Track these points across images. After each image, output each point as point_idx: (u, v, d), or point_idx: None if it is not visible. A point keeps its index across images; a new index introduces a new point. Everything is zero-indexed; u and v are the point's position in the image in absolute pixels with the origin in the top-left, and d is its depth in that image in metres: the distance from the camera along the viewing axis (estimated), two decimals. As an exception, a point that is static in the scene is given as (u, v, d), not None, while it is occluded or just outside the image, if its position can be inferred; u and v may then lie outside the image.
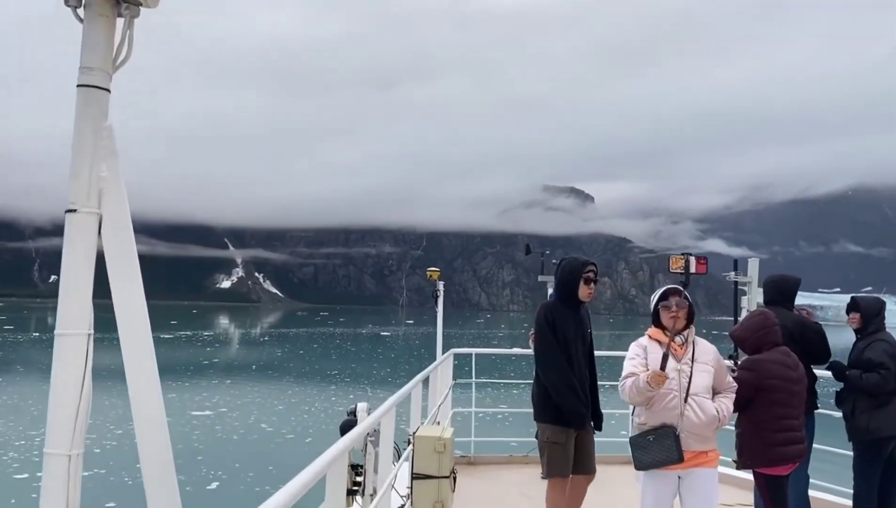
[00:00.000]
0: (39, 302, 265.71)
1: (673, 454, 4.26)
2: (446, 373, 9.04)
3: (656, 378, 4.19)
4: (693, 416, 4.32)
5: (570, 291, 5.21)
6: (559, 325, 5.13)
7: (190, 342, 72.80)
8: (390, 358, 58.94)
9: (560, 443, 5.11)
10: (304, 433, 24.90)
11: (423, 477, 6.31)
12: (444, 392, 8.60)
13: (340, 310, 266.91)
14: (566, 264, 5.30)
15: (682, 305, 4.49)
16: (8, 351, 55.16)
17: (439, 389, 8.45)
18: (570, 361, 5.12)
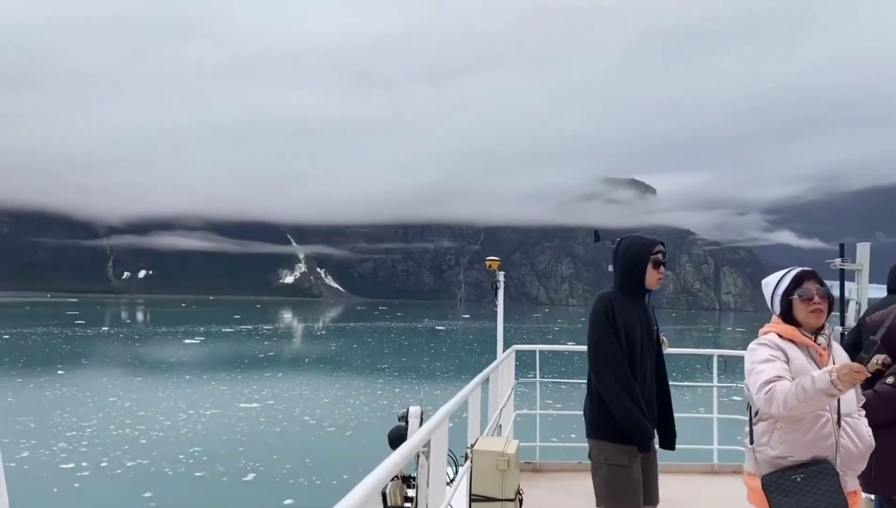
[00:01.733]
0: (113, 297, 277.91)
1: (837, 499, 3.06)
2: (508, 372, 8.28)
3: (852, 374, 2.87)
4: (850, 444, 3.19)
5: (634, 277, 4.14)
6: (621, 320, 4.08)
7: (249, 336, 74.55)
8: (442, 352, 58.92)
9: (622, 465, 4.03)
10: (345, 426, 24.98)
11: (482, 500, 5.29)
12: (507, 393, 7.88)
13: (399, 304, 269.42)
14: (629, 245, 4.18)
15: (825, 294, 3.35)
16: (75, 345, 57.61)
17: (501, 389, 7.70)
18: (633, 364, 4.08)
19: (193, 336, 68.62)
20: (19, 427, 23.08)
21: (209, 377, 38.09)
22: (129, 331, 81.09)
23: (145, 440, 22.08)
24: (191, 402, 29.43)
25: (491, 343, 10.45)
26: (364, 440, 23.00)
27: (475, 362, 50.99)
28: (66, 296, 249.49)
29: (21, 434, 22.02)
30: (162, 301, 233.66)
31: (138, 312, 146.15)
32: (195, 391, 33.15)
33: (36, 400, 29.20)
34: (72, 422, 24.38)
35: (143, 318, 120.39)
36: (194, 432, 23.62)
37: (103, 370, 41.04)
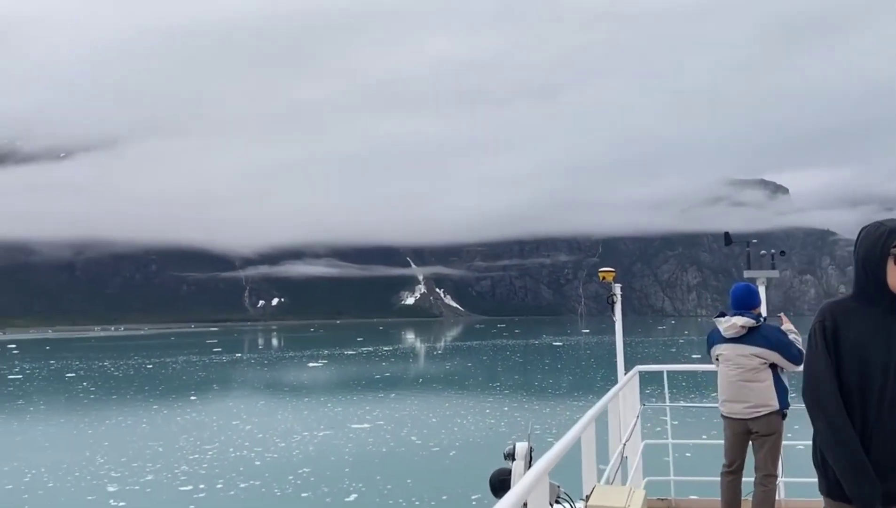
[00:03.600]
0: (249, 325, 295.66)
1: None
2: (632, 396, 7.41)
3: None
4: None
5: (872, 277, 3.01)
6: (849, 338, 3.00)
7: (369, 357, 76.63)
8: (557, 369, 57.75)
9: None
10: (450, 447, 24.91)
11: None
12: (631, 422, 7.07)
13: (518, 321, 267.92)
14: (864, 236, 3.10)
15: None
16: (210, 372, 61.51)
17: (623, 416, 6.83)
18: (867, 397, 2.96)
19: (317, 360, 71.43)
20: (149, 452, 24.80)
21: (326, 398, 39.37)
22: (260, 357, 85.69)
23: (259, 462, 23.02)
24: (306, 424, 30.48)
25: (610, 358, 9.59)
26: (466, 459, 22.82)
27: (590, 378, 49.59)
28: (208, 325, 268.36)
29: (149, 458, 23.63)
30: (293, 327, 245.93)
31: (271, 338, 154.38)
32: (311, 413, 34.34)
33: (167, 425, 31.33)
34: (196, 446, 25.88)
35: (274, 343, 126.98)
36: (305, 453, 24.38)
37: (231, 395, 43.51)
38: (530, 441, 5.50)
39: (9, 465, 22.82)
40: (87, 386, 49.96)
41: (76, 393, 45.91)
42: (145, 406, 38.07)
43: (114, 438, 28.27)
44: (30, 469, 22.28)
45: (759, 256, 7.16)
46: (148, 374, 60.24)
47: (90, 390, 47.82)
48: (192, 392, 43.83)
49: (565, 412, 31.27)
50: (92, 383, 52.60)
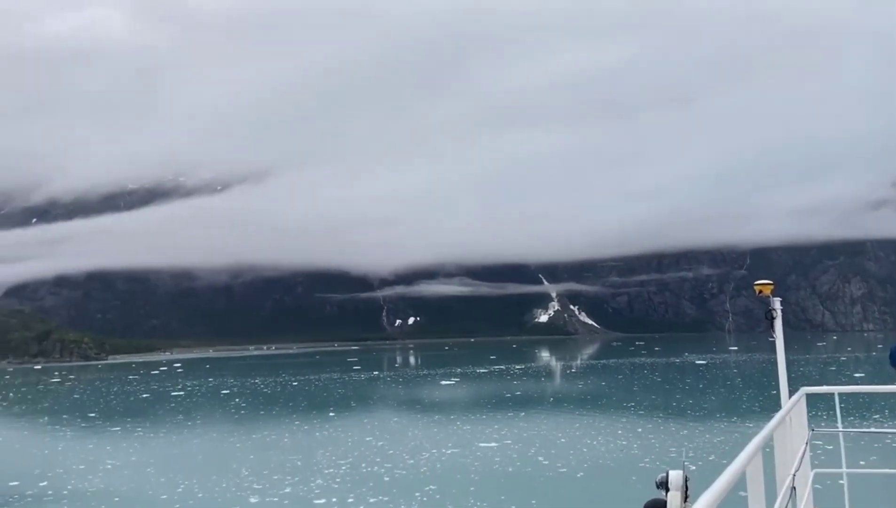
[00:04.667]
0: (388, 344, 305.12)
1: None
2: (799, 422, 6.93)
3: None
4: None
5: None
6: None
7: (500, 376, 76.53)
8: (698, 389, 54.68)
9: None
10: (578, 468, 24.27)
11: None
12: (800, 449, 6.55)
13: (659, 338, 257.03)
14: None
15: None
16: (349, 389, 64.05)
17: (791, 444, 6.39)
18: None
19: (450, 378, 72.34)
20: (288, 465, 26.18)
21: (456, 416, 39.75)
22: (395, 375, 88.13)
23: (388, 478, 23.62)
24: (435, 441, 30.91)
25: (762, 378, 8.68)
26: (595, 483, 22.15)
27: (741, 400, 46.41)
28: (349, 344, 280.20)
29: (288, 472, 24.95)
30: (429, 345, 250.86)
31: (407, 356, 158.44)
32: (441, 430, 34.79)
33: (306, 440, 32.95)
34: (331, 460, 27.01)
35: (410, 362, 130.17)
36: (433, 470, 24.71)
37: (366, 412, 45.04)
38: (685, 470, 5.12)
39: (165, 476, 24.95)
40: (238, 402, 53.68)
41: (229, 409, 49.46)
42: (288, 422, 40.28)
43: (259, 451, 30.12)
44: (183, 479, 24.23)
45: None
46: (293, 391, 63.74)
47: (241, 405, 51.34)
48: (331, 409, 45.84)
49: (715, 438, 29.52)
50: (243, 399, 56.44)
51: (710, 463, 22.96)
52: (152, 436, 36.60)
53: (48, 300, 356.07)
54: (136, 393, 67.44)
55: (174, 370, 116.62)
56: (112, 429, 39.69)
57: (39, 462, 29.13)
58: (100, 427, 41.18)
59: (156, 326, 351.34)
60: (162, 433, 37.51)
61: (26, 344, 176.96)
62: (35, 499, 21.99)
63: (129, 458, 29.34)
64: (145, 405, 54.69)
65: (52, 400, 65.27)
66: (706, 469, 4.09)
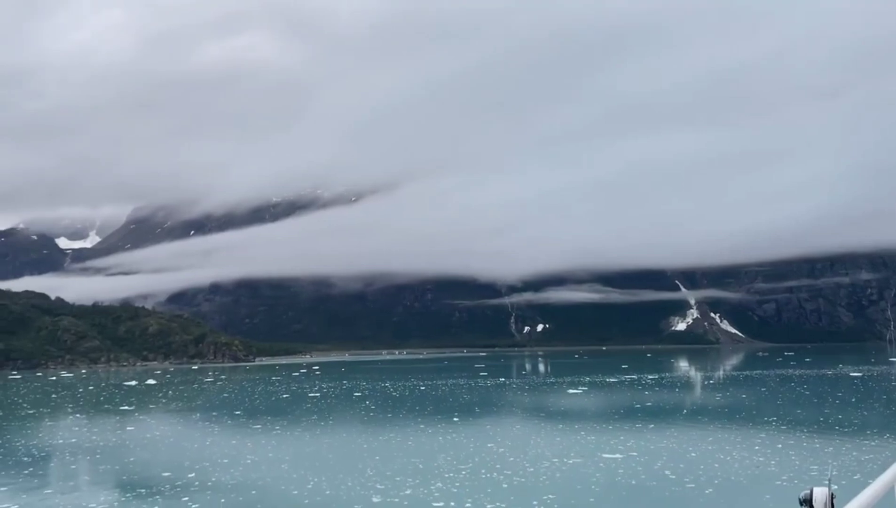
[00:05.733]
0: (516, 350, 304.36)
1: None
2: None
3: None
4: None
5: None
6: None
7: (631, 385, 74.08)
8: (851, 404, 50.08)
9: None
10: (707, 484, 22.98)
11: None
12: None
13: (811, 348, 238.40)
14: None
15: None
16: (474, 394, 64.48)
17: None
18: None
19: (577, 387, 70.97)
20: (410, 468, 26.79)
21: (580, 426, 38.95)
22: (521, 382, 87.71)
23: (507, 486, 23.54)
24: (557, 450, 30.43)
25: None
26: (722, 500, 20.88)
27: (892, 414, 42.19)
28: (477, 350, 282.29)
29: (410, 473, 25.53)
30: (558, 353, 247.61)
31: (535, 363, 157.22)
32: (564, 439, 34.20)
33: (429, 443, 33.55)
34: (452, 465, 27.32)
35: (537, 369, 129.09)
36: (552, 479, 24.35)
37: (490, 418, 45.17)
38: (830, 487, 4.83)
39: (297, 472, 26.34)
40: (368, 405, 55.66)
41: (359, 411, 51.41)
42: (414, 425, 41.22)
43: (384, 452, 31.07)
44: (313, 476, 25.47)
45: None
46: (420, 395, 65.15)
47: (371, 408, 53.19)
48: (456, 414, 46.37)
49: (864, 456, 27.05)
50: (373, 401, 58.45)
51: (856, 483, 20.96)
52: (289, 434, 38.74)
53: (204, 306, 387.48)
54: (277, 393, 71.71)
55: (312, 372, 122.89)
56: (254, 426, 42.43)
57: (189, 454, 31.71)
58: (243, 424, 44.18)
59: (297, 330, 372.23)
60: (297, 432, 39.61)
61: (185, 346, 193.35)
62: (183, 489, 23.95)
63: (266, 454, 31.24)
64: (284, 405, 58.00)
65: (205, 398, 70.82)
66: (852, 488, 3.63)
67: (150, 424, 45.83)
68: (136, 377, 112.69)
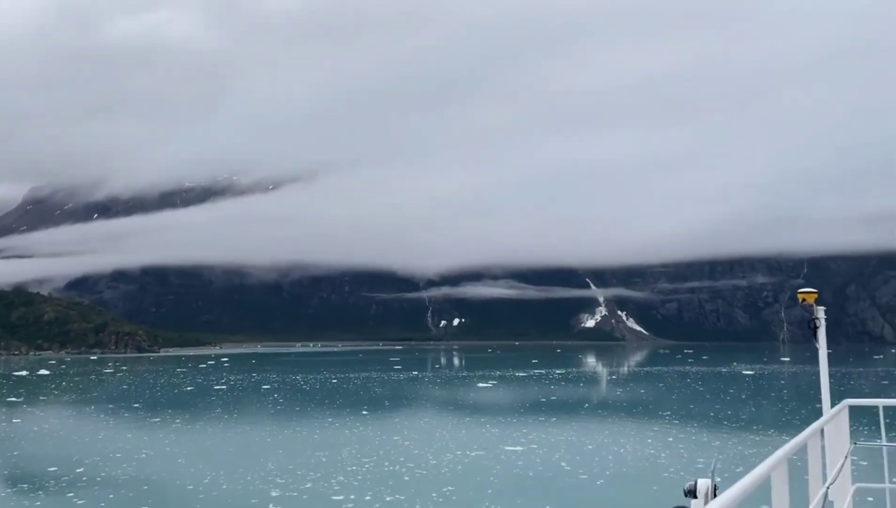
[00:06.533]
0: (432, 345, 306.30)
1: None
2: (840, 434, 6.78)
3: None
4: None
5: None
6: None
7: (539, 380, 76.04)
8: (741, 400, 53.27)
9: None
10: (599, 475, 23.98)
11: None
12: (839, 462, 6.41)
13: (709, 347, 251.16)
14: None
15: None
16: (386, 388, 64.57)
17: (830, 456, 6.27)
18: None
19: (488, 381, 72.22)
20: (313, 461, 26.61)
21: (486, 419, 39.69)
22: (434, 376, 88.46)
23: (409, 478, 23.78)
24: (461, 443, 30.95)
25: (815, 391, 8.53)
26: (612, 490, 21.86)
27: (790, 412, 44.88)
28: (393, 344, 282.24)
29: (312, 467, 25.36)
30: (473, 347, 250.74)
31: (449, 358, 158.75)
32: (469, 432, 34.81)
33: (335, 437, 33.41)
34: (356, 458, 27.33)
35: (451, 363, 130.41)
36: (454, 472, 24.76)
37: (399, 412, 45.36)
38: (714, 478, 5.03)
39: (194, 467, 25.68)
40: (277, 398, 54.74)
41: (266, 404, 50.51)
42: (321, 419, 40.90)
43: (288, 446, 30.70)
44: (211, 471, 24.88)
45: None
46: (331, 388, 64.62)
47: (279, 401, 52.35)
48: (365, 407, 46.33)
49: (748, 450, 28.80)
50: (282, 395, 57.53)
51: (738, 475, 22.42)
52: (189, 428, 37.65)
53: (106, 293, 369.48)
54: (181, 386, 69.42)
55: (221, 364, 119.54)
56: (152, 420, 40.98)
57: (80, 448, 30.31)
58: (141, 418, 42.56)
59: (207, 321, 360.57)
60: (199, 426, 38.55)
61: (84, 335, 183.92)
62: (69, 484, 22.90)
63: (163, 448, 30.27)
64: (188, 398, 56.25)
65: (102, 390, 67.73)
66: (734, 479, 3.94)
67: (39, 416, 43.48)
68: (27, 367, 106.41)
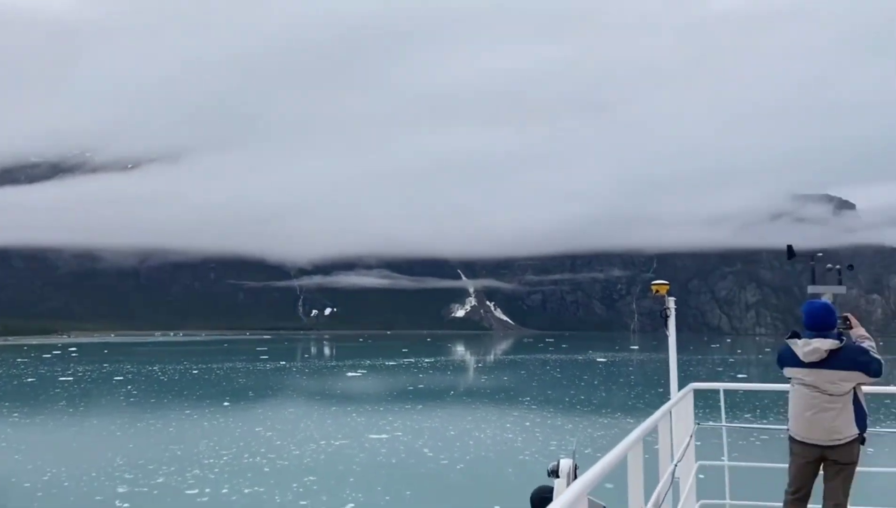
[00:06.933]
0: (302, 334, 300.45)
1: None
2: (686, 416, 7.15)
3: None
4: None
5: None
6: None
7: (408, 369, 76.89)
8: (596, 386, 56.71)
9: None
10: (460, 460, 24.77)
11: None
12: (685, 441, 6.80)
13: (568, 336, 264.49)
14: None
15: None
16: (251, 379, 62.80)
17: (677, 436, 6.66)
18: None
19: (357, 370, 72.09)
20: (167, 455, 25.49)
21: (353, 408, 39.70)
22: (302, 366, 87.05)
23: (269, 469, 23.39)
24: (325, 433, 30.80)
25: (660, 376, 9.08)
26: (470, 474, 22.68)
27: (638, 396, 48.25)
28: (261, 333, 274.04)
29: (165, 461, 24.29)
30: (344, 337, 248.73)
31: (319, 347, 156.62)
32: (334, 422, 34.68)
33: (192, 430, 32.15)
34: (213, 450, 26.47)
35: (321, 353, 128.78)
36: (316, 461, 24.64)
37: (263, 402, 44.30)
38: (575, 458, 5.27)
39: (33, 464, 23.82)
40: (130, 390, 51.70)
41: (118, 396, 47.58)
42: (179, 411, 39.16)
43: (140, 440, 29.17)
44: (52, 467, 23.20)
45: (824, 271, 6.70)
46: (192, 379, 61.91)
47: (132, 393, 49.48)
48: (227, 399, 44.83)
49: (597, 432, 30.72)
50: (136, 386, 54.38)
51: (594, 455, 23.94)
52: (28, 422, 34.82)
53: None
54: (21, 377, 63.90)
55: (68, 354, 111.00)
56: (-15, 415, 37.44)
57: None
58: (-29, 413, 38.76)
59: (55, 307, 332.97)
60: (39, 420, 35.75)
61: None
62: None
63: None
64: (28, 390, 51.90)
65: (-76, 383, 60.89)
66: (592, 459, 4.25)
67: None
68: None
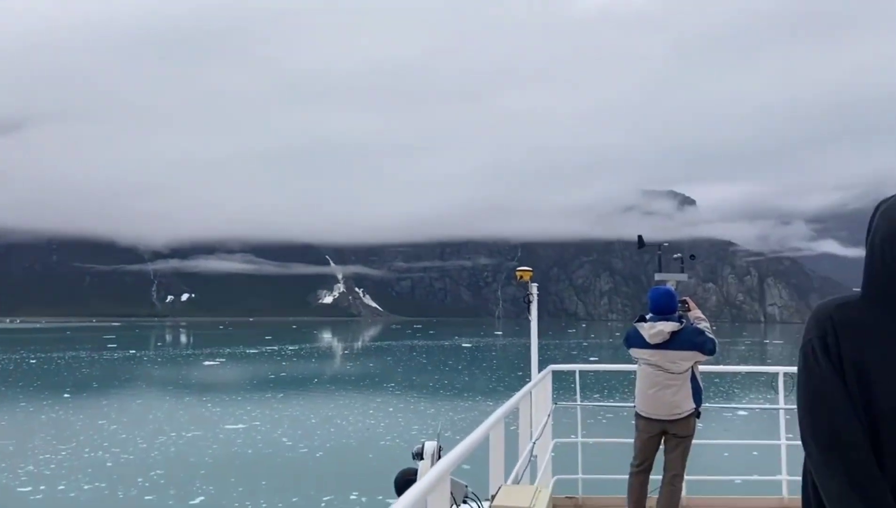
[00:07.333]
0: (156, 321, 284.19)
1: None
2: (545, 396, 7.43)
3: None
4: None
5: (888, 271, 2.00)
6: (855, 352, 1.96)
7: (270, 356, 75.04)
8: (458, 370, 58.19)
9: None
10: (319, 448, 24.61)
11: None
12: (543, 420, 7.08)
13: (436, 322, 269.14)
14: (887, 210, 2.10)
15: None
16: (95, 369, 58.71)
17: (536, 416, 6.90)
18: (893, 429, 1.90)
19: (215, 358, 69.33)
20: (-5, 451, 23.34)
21: (208, 398, 38.21)
22: (155, 354, 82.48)
23: (111, 464, 22.06)
24: (177, 424, 29.46)
25: (522, 360, 9.43)
26: (330, 461, 22.64)
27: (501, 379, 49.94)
28: (110, 320, 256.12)
29: (-7, 458, 22.24)
30: (203, 324, 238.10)
31: (175, 335, 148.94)
32: (188, 412, 33.25)
33: (27, 423, 29.64)
34: (50, 445, 24.56)
35: (176, 341, 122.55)
36: (165, 455, 23.54)
37: (108, 394, 41.57)
38: (439, 441, 5.36)
39: None
40: (-48, 382, 46.73)
41: (-63, 390, 42.86)
42: (12, 403, 35.92)
43: (-39, 438, 26.48)
44: None
45: (669, 260, 7.25)
46: (28, 369, 56.95)
47: (-45, 386, 44.74)
48: (68, 390, 41.68)
49: (458, 415, 31.50)
50: (-40, 379, 49.23)
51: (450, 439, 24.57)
52: None
53: None
54: None
55: None
56: None
57: None
58: None
59: None
60: None
61: None
62: None
63: None
64: None
65: None
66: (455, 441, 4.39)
67: None
68: None
